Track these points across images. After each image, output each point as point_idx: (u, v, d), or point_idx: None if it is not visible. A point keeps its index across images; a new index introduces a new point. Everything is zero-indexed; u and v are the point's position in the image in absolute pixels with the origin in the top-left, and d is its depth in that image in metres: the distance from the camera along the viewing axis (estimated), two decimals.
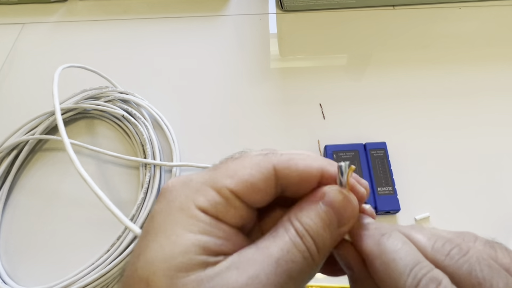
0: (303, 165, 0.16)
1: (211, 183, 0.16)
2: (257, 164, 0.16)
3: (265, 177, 0.16)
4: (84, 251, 0.37)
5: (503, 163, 0.42)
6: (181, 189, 0.16)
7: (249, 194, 0.16)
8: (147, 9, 0.58)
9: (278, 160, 0.16)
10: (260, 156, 0.16)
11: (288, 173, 0.16)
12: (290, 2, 0.55)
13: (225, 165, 0.16)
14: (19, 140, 0.42)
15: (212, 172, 0.16)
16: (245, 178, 0.16)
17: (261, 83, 0.49)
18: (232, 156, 0.17)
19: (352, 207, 0.16)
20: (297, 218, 0.16)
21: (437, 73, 0.49)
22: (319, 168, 0.17)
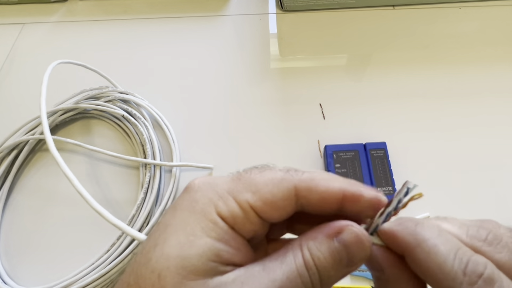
0: (324, 187, 0.16)
1: (234, 193, 0.16)
2: (279, 182, 0.16)
3: (285, 196, 0.16)
4: (84, 251, 0.37)
5: (503, 163, 0.41)
6: (206, 191, 0.16)
7: (268, 211, 0.16)
8: (147, 9, 0.58)
9: (299, 179, 0.16)
10: (282, 173, 0.17)
11: (309, 194, 0.16)
12: (290, 2, 0.55)
13: (249, 177, 0.17)
14: (19, 140, 0.42)
15: (236, 182, 0.17)
16: (266, 195, 0.16)
17: (261, 83, 0.49)
18: (256, 167, 0.17)
19: (365, 252, 0.16)
20: (308, 248, 0.16)
21: (437, 73, 0.49)
22: (340, 190, 0.16)
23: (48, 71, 0.39)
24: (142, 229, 0.36)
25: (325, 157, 0.41)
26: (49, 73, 0.39)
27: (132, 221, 0.37)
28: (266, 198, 0.16)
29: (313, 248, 0.16)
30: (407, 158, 0.42)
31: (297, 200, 0.16)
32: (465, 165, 0.41)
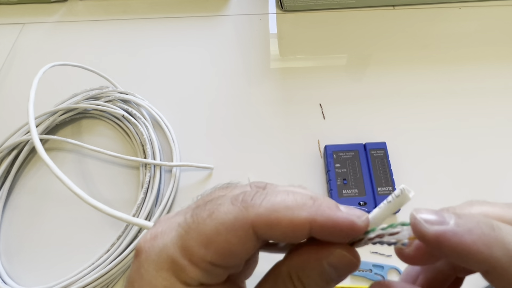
0: (287, 223, 0.14)
1: (187, 253, 0.14)
2: (231, 226, 0.14)
3: (243, 241, 0.14)
4: (84, 251, 0.37)
5: (503, 163, 0.41)
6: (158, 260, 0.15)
7: (228, 260, 0.14)
8: (147, 9, 0.58)
9: (256, 214, 0.14)
10: (234, 212, 0.14)
11: (269, 230, 0.14)
12: (290, 2, 0.55)
13: (196, 227, 0.15)
14: (19, 140, 0.42)
15: (184, 236, 0.15)
16: (221, 246, 0.14)
17: (261, 83, 0.49)
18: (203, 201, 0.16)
19: (355, 267, 0.15)
20: (299, 277, 0.15)
21: (437, 73, 0.49)
22: (306, 221, 0.14)
23: (39, 74, 0.39)
24: (142, 229, 0.36)
25: (325, 157, 0.41)
26: (40, 77, 0.39)
27: None
28: (222, 249, 0.14)
29: (303, 276, 0.15)
30: (407, 158, 0.42)
31: (258, 238, 0.14)
32: (465, 165, 0.41)
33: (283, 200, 0.15)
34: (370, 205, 0.36)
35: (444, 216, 0.14)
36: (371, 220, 0.15)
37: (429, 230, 0.14)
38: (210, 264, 0.14)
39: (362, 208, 0.37)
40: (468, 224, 0.13)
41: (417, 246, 0.16)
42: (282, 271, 0.15)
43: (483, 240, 0.13)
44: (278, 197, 0.15)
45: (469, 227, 0.13)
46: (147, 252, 0.15)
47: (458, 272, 0.18)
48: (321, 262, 0.15)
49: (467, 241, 0.13)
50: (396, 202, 0.15)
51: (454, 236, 0.13)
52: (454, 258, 0.13)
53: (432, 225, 0.14)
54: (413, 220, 0.14)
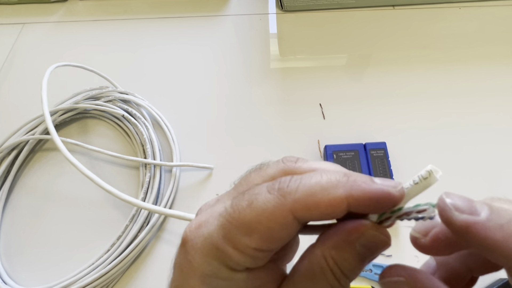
0: (325, 203, 0.14)
1: (230, 241, 0.15)
2: (271, 215, 0.15)
3: (284, 227, 0.15)
4: (84, 251, 0.37)
5: (503, 163, 0.41)
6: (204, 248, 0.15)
7: (271, 245, 0.15)
8: (147, 9, 0.58)
9: (293, 201, 0.15)
10: (272, 201, 0.15)
11: (309, 214, 0.15)
12: (290, 2, 0.55)
13: (238, 216, 0.15)
14: (19, 140, 0.42)
15: (227, 225, 0.15)
16: (263, 233, 0.15)
17: (261, 83, 0.49)
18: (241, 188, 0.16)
19: (387, 245, 0.15)
20: (333, 259, 0.15)
21: (437, 73, 0.49)
22: (343, 198, 0.14)
23: (46, 76, 0.40)
24: (142, 229, 0.36)
25: (325, 157, 0.41)
26: (48, 78, 0.39)
27: (132, 221, 0.37)
28: (264, 236, 0.15)
29: (338, 258, 0.15)
30: (407, 158, 0.42)
31: (298, 221, 0.15)
32: (465, 165, 0.41)
33: (318, 182, 0.15)
34: None
35: (475, 206, 0.14)
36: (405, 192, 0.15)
37: (458, 219, 0.13)
38: (254, 250, 0.15)
39: None
40: (500, 219, 0.13)
41: (433, 237, 0.16)
42: (316, 254, 0.16)
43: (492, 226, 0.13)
44: (313, 179, 0.15)
45: (501, 223, 0.13)
46: (193, 241, 0.16)
47: (474, 271, 0.17)
48: (354, 244, 0.15)
49: (497, 236, 0.13)
50: (423, 184, 0.15)
51: (484, 229, 0.13)
52: (479, 250, 0.14)
53: (462, 214, 0.14)
54: (442, 205, 0.14)
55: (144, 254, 0.37)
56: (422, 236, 0.16)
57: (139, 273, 0.36)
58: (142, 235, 0.36)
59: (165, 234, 0.38)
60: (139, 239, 0.36)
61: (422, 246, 0.16)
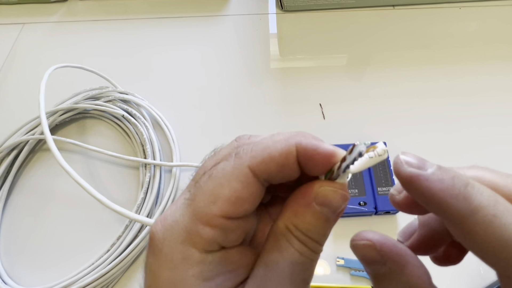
0: (278, 152, 0.15)
1: (198, 217, 0.15)
2: (232, 175, 0.15)
3: (246, 185, 0.15)
4: (84, 251, 0.37)
5: (503, 163, 0.41)
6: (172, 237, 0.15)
7: (239, 209, 0.15)
8: (147, 9, 0.58)
9: (250, 157, 0.15)
10: (230, 163, 0.15)
11: (266, 167, 0.15)
12: (290, 2, 0.55)
13: (200, 190, 0.15)
14: (19, 140, 0.42)
15: (192, 204, 0.15)
16: (227, 196, 0.15)
17: (261, 83, 0.49)
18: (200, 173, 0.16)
19: (346, 198, 0.16)
20: (295, 225, 0.15)
21: (437, 73, 0.49)
22: (293, 147, 0.15)
23: (45, 78, 0.40)
24: (142, 229, 0.36)
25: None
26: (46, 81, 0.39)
27: (132, 221, 0.37)
28: (229, 198, 0.15)
29: (299, 223, 0.15)
30: None
31: (259, 179, 0.15)
32: (466, 165, 0.41)
33: (271, 138, 0.16)
34: (370, 205, 0.36)
35: (425, 163, 0.15)
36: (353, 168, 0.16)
37: (405, 170, 0.15)
38: (223, 218, 0.15)
39: (361, 208, 0.37)
40: (444, 175, 0.14)
41: (406, 194, 0.16)
42: (279, 227, 0.16)
43: (450, 191, 0.14)
44: (266, 138, 0.16)
45: (443, 177, 0.14)
46: (160, 232, 0.15)
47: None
48: (311, 205, 0.15)
49: (435, 188, 0.14)
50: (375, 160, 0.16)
51: (425, 181, 0.14)
52: (421, 201, 0.14)
53: (410, 167, 0.15)
54: (396, 159, 0.15)
55: (144, 254, 0.37)
56: (397, 193, 0.17)
57: (139, 273, 0.36)
58: (142, 235, 0.36)
59: None
60: (139, 239, 0.36)
61: (396, 202, 0.17)
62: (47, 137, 0.34)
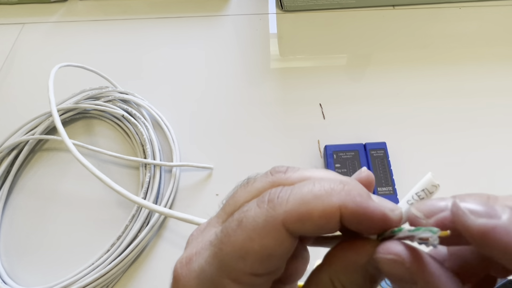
0: (318, 213, 0.13)
1: (225, 271, 0.14)
2: (263, 229, 0.13)
3: (278, 242, 0.13)
4: (84, 251, 0.37)
5: (503, 163, 0.41)
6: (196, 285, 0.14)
7: (268, 266, 0.14)
8: (147, 9, 0.58)
9: (285, 212, 0.13)
10: (262, 213, 0.14)
11: (301, 225, 0.13)
12: (290, 2, 0.55)
13: (228, 239, 0.14)
14: (19, 140, 0.42)
15: (219, 254, 0.14)
16: (258, 253, 0.13)
17: (261, 83, 0.49)
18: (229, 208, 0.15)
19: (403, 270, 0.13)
20: (342, 283, 0.14)
21: (437, 73, 0.49)
22: (337, 208, 0.13)
23: (52, 76, 0.40)
24: (142, 229, 0.36)
25: (325, 157, 0.41)
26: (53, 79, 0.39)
27: (132, 221, 0.37)
28: (259, 256, 0.13)
29: (347, 282, 0.14)
30: (407, 158, 0.42)
31: (293, 235, 0.14)
32: (465, 165, 0.41)
33: (310, 190, 0.14)
34: None
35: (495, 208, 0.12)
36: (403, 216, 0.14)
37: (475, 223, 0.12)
38: (251, 276, 0.14)
39: None
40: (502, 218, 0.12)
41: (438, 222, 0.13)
42: (323, 278, 0.14)
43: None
44: (305, 188, 0.14)
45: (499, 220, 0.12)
46: (185, 278, 0.15)
47: (493, 270, 0.15)
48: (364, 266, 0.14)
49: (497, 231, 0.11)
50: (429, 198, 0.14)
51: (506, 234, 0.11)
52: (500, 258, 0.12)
53: (479, 218, 0.12)
54: (455, 210, 0.12)
55: (144, 254, 0.37)
56: (423, 217, 0.14)
57: (139, 273, 0.36)
58: (142, 235, 0.36)
59: (166, 234, 0.38)
60: (139, 239, 0.36)
61: None
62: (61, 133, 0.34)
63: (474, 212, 0.12)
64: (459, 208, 0.12)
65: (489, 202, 0.12)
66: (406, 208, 0.14)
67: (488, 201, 0.13)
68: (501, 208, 0.12)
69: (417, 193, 0.14)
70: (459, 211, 0.12)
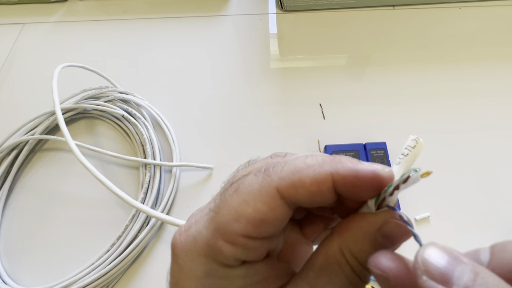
0: (310, 179, 0.14)
1: (220, 232, 0.14)
2: (257, 194, 0.14)
3: (271, 207, 0.14)
4: (84, 251, 0.37)
5: (503, 163, 0.41)
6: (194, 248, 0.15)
7: (261, 229, 0.14)
8: (147, 9, 0.58)
9: (279, 178, 0.14)
10: (258, 179, 0.15)
11: (295, 192, 0.14)
12: (290, 2, 0.55)
13: (225, 203, 0.15)
14: (19, 140, 0.42)
15: (215, 217, 0.15)
16: (251, 216, 0.14)
17: (261, 83, 0.49)
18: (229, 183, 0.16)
19: (409, 234, 0.14)
20: (352, 253, 0.14)
21: (437, 73, 0.49)
22: (328, 175, 0.14)
23: (55, 77, 0.40)
24: (142, 229, 0.36)
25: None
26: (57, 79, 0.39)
27: (132, 221, 0.37)
28: (252, 219, 0.14)
29: (357, 250, 0.14)
30: None
31: (286, 202, 0.14)
32: (465, 165, 0.41)
33: (303, 161, 0.15)
34: None
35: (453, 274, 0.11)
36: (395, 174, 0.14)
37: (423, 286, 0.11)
38: (245, 237, 0.14)
39: None
40: None
41: None
42: (332, 248, 0.15)
43: None
44: (298, 160, 0.15)
45: None
46: (182, 243, 0.15)
47: None
48: (374, 234, 0.14)
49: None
50: (413, 153, 0.15)
51: None
52: None
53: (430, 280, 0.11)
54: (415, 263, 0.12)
55: (144, 254, 0.37)
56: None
57: (139, 273, 0.36)
58: (142, 235, 0.36)
59: (166, 234, 0.38)
60: (139, 239, 0.36)
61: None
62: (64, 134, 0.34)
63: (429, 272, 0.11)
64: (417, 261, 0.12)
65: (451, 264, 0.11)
66: (396, 168, 0.15)
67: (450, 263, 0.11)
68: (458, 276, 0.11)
69: (401, 152, 0.15)
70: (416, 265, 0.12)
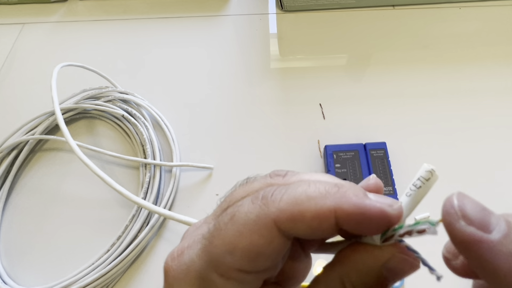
0: (311, 214, 0.13)
1: (213, 265, 0.13)
2: (253, 225, 0.13)
3: (268, 240, 0.13)
4: (84, 251, 0.37)
5: (503, 163, 0.41)
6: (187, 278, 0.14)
7: (256, 264, 0.13)
8: (147, 9, 0.58)
9: (277, 210, 0.13)
10: (255, 209, 0.13)
11: (294, 225, 0.13)
12: (290, 2, 0.55)
13: (219, 232, 0.14)
14: (19, 140, 0.42)
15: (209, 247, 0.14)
16: (246, 249, 0.13)
17: (261, 83, 0.49)
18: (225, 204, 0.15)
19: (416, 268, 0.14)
20: (353, 284, 0.14)
21: (437, 73, 0.49)
22: (331, 210, 0.13)
23: (54, 76, 0.40)
24: (142, 229, 0.36)
25: (325, 157, 0.41)
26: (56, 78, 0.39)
27: (132, 221, 0.37)
28: (247, 252, 0.13)
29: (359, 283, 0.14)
30: (407, 158, 0.42)
31: (284, 235, 0.13)
32: (465, 164, 0.41)
33: (305, 191, 0.13)
34: None
35: (489, 219, 0.11)
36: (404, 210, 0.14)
37: (463, 230, 0.11)
38: (239, 272, 0.13)
39: None
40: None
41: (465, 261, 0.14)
42: (333, 278, 0.14)
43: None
44: (299, 188, 0.13)
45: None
46: (175, 271, 0.14)
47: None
48: (379, 267, 0.13)
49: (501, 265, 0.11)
50: (426, 186, 0.13)
51: (489, 252, 0.11)
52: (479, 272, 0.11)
53: (469, 225, 0.11)
54: (448, 207, 0.12)
55: (144, 254, 0.37)
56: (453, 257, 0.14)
57: (139, 273, 0.36)
58: (142, 235, 0.36)
59: (166, 234, 0.38)
60: (139, 239, 0.36)
61: (454, 268, 0.14)
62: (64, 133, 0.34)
63: (467, 217, 0.11)
64: (452, 205, 0.12)
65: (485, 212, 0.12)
66: (406, 201, 0.14)
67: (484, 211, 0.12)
68: (496, 220, 0.11)
69: (413, 183, 0.14)
70: (451, 210, 0.12)
